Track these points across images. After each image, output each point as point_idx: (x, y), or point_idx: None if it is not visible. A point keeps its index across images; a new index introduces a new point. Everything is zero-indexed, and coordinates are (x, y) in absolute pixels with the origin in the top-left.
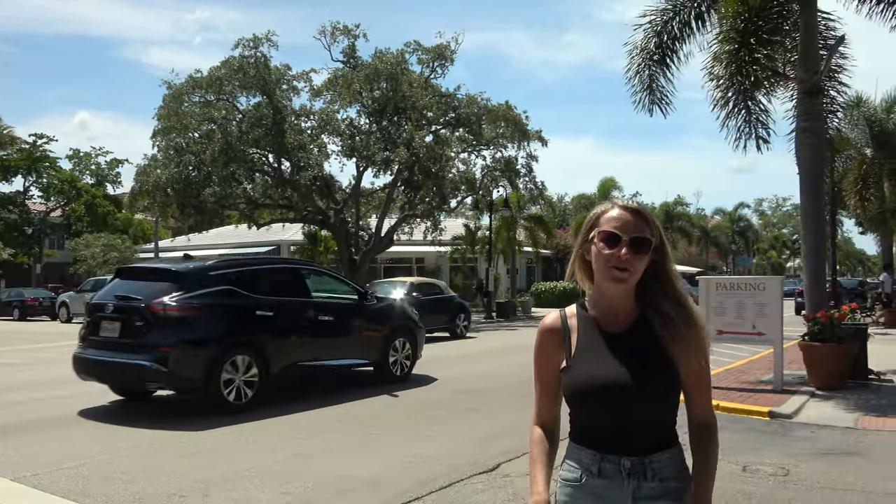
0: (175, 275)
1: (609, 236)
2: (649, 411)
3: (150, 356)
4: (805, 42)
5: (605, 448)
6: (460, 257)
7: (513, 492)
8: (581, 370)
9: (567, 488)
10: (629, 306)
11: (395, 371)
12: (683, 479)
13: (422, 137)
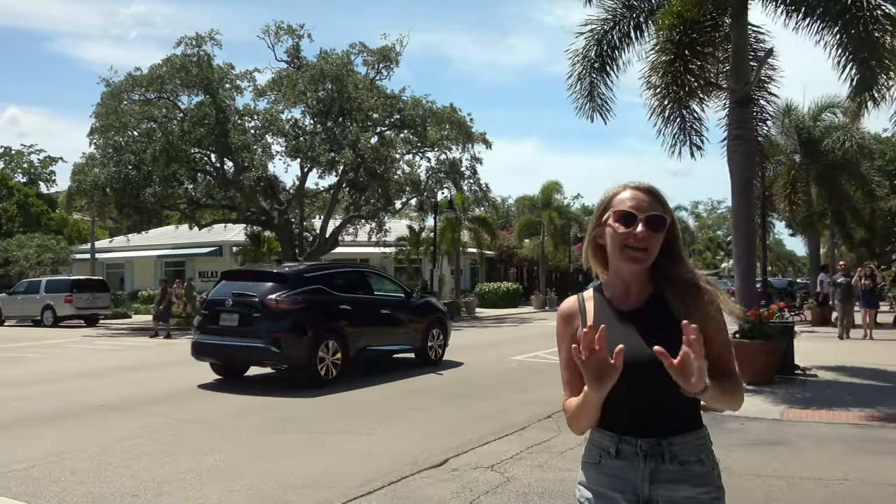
0: (281, 276)
1: (624, 215)
2: (667, 389)
3: (266, 340)
4: (736, 54)
5: (622, 429)
6: (405, 258)
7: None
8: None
9: (588, 470)
10: (644, 285)
11: (432, 356)
12: (708, 464)
13: (367, 139)
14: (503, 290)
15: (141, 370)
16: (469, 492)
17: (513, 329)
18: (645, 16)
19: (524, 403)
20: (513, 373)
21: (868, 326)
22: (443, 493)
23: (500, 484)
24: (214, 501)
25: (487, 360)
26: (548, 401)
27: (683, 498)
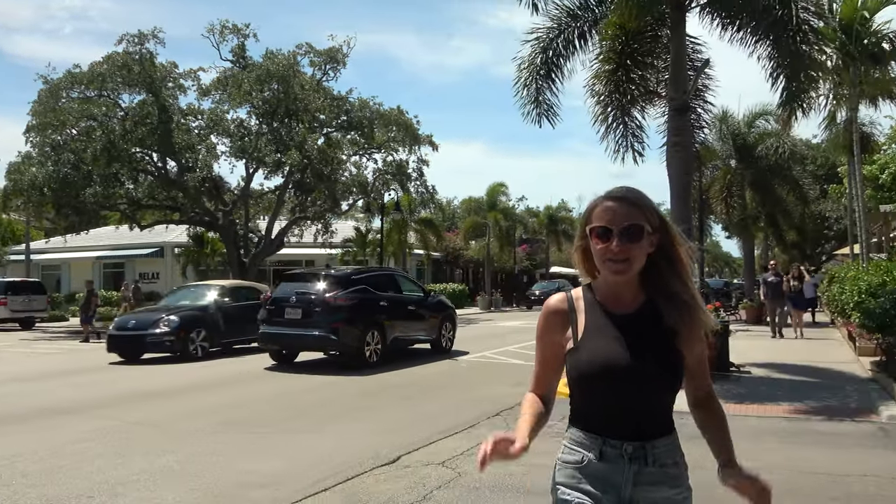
0: (335, 278)
1: (599, 231)
2: (654, 396)
3: (327, 330)
4: (675, 64)
5: (607, 432)
6: (351, 259)
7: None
8: (589, 352)
9: (568, 470)
10: (635, 290)
11: (444, 345)
12: (680, 465)
13: (314, 140)
14: (449, 291)
15: (82, 374)
16: (422, 487)
17: (460, 330)
18: (589, 25)
19: (473, 401)
20: (462, 372)
21: (798, 326)
22: (396, 489)
23: (451, 479)
24: (170, 501)
25: (437, 360)
26: (496, 399)
27: (662, 499)
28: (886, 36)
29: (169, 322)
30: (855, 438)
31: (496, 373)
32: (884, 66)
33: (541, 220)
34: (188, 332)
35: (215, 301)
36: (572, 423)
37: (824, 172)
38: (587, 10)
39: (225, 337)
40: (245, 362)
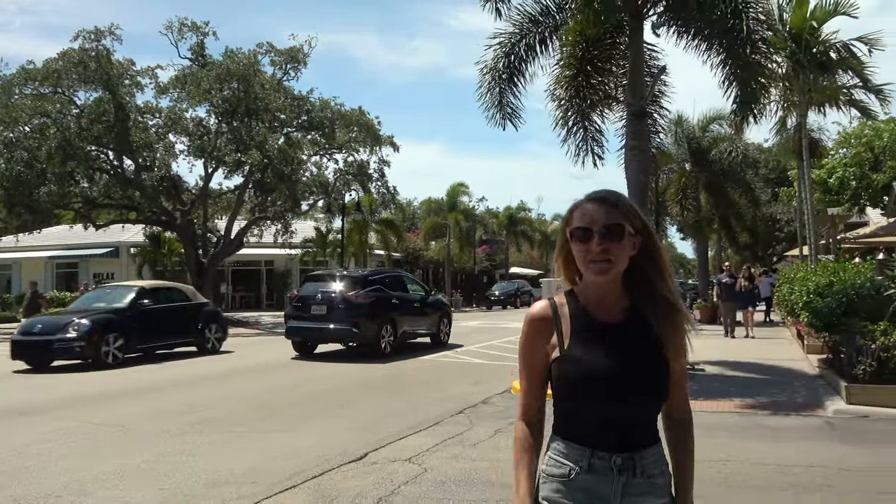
0: (354, 278)
1: (580, 233)
2: (643, 406)
3: (349, 324)
4: (633, 70)
5: (594, 443)
6: (311, 260)
7: None
8: (576, 361)
9: (554, 483)
10: (618, 294)
11: (442, 338)
12: (666, 475)
13: (275, 140)
14: None
15: (36, 375)
16: (390, 482)
17: None
18: (549, 31)
19: (437, 400)
20: (424, 371)
21: (749, 325)
22: (364, 484)
23: (418, 474)
24: (140, 500)
25: (399, 360)
26: (459, 397)
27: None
28: (834, 45)
29: (79, 326)
30: (802, 432)
31: (459, 372)
32: (831, 74)
33: (500, 221)
34: (101, 337)
35: (133, 303)
36: (557, 433)
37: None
38: (548, 16)
39: (144, 341)
40: (164, 369)
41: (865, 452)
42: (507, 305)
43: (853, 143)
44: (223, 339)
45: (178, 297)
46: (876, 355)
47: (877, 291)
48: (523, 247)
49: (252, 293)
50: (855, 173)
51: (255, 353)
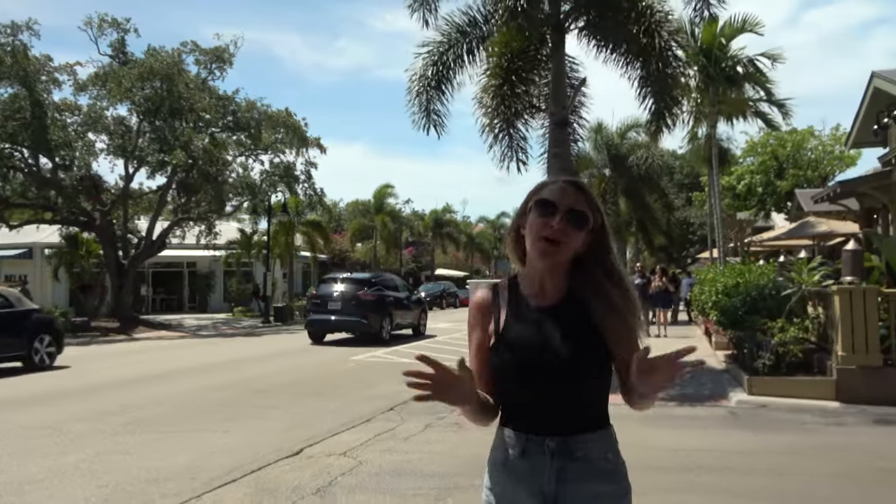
0: (362, 280)
1: (545, 204)
2: (577, 390)
3: (360, 317)
4: (555, 81)
5: (529, 428)
6: (235, 262)
7: None
8: (508, 345)
9: (493, 471)
10: (559, 283)
11: (422, 330)
12: (613, 462)
13: (200, 140)
14: None
15: None
16: (327, 474)
17: None
18: (476, 42)
19: (367, 398)
20: (353, 371)
21: (663, 324)
22: (302, 477)
23: (353, 467)
24: (80, 498)
25: (328, 360)
26: (389, 395)
27: (591, 495)
28: (741, 61)
29: None
30: (708, 420)
31: (387, 371)
32: (739, 87)
33: (427, 223)
34: None
35: None
36: (500, 421)
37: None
38: (475, 26)
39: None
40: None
41: (761, 438)
42: (433, 307)
43: (759, 152)
44: (57, 352)
45: (6, 303)
46: (774, 350)
47: (777, 291)
48: (449, 249)
49: (174, 295)
50: (761, 180)
51: (179, 357)
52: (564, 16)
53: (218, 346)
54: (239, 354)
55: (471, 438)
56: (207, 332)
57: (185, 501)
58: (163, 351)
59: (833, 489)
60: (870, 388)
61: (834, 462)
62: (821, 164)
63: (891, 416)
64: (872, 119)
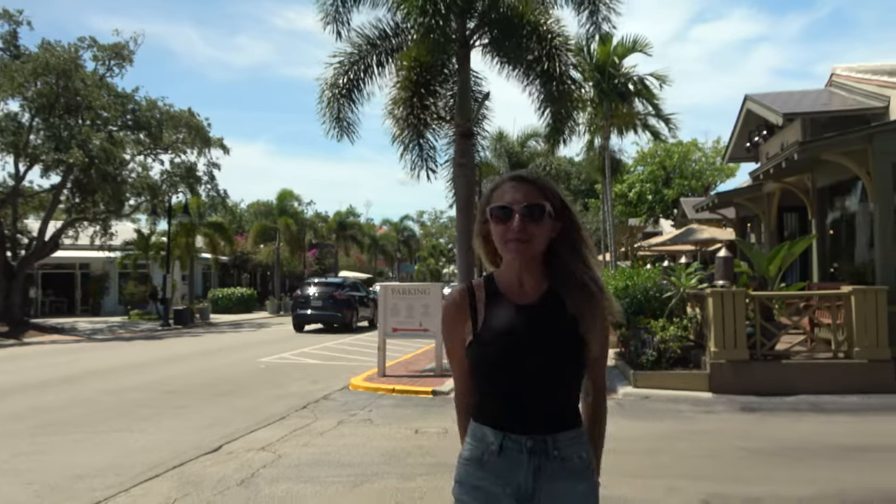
0: (335, 283)
1: (501, 212)
2: (556, 388)
3: (336, 311)
4: (461, 95)
5: (507, 426)
6: (131, 263)
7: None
8: (486, 344)
9: (467, 466)
10: (537, 278)
11: (376, 323)
12: (584, 460)
13: (99, 138)
14: (238, 296)
15: None
16: (249, 468)
17: (253, 333)
18: (386, 54)
19: (280, 397)
20: (263, 372)
21: None
22: (225, 470)
23: (273, 460)
24: (6, 494)
25: (237, 362)
26: (301, 394)
27: (564, 492)
28: (631, 78)
29: None
30: None
31: (297, 372)
32: (630, 102)
33: (330, 225)
34: None
35: None
36: (474, 417)
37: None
38: (386, 39)
39: None
40: None
41: (643, 425)
42: None
43: (649, 162)
44: None
45: None
46: (656, 347)
47: (660, 293)
48: (352, 251)
49: (65, 298)
50: (650, 188)
51: (79, 361)
52: (470, 32)
53: (119, 350)
54: (142, 358)
55: (381, 433)
56: (104, 336)
57: (115, 495)
58: (60, 355)
59: (699, 465)
60: (738, 379)
61: (702, 444)
62: (704, 174)
63: (754, 404)
64: (746, 137)
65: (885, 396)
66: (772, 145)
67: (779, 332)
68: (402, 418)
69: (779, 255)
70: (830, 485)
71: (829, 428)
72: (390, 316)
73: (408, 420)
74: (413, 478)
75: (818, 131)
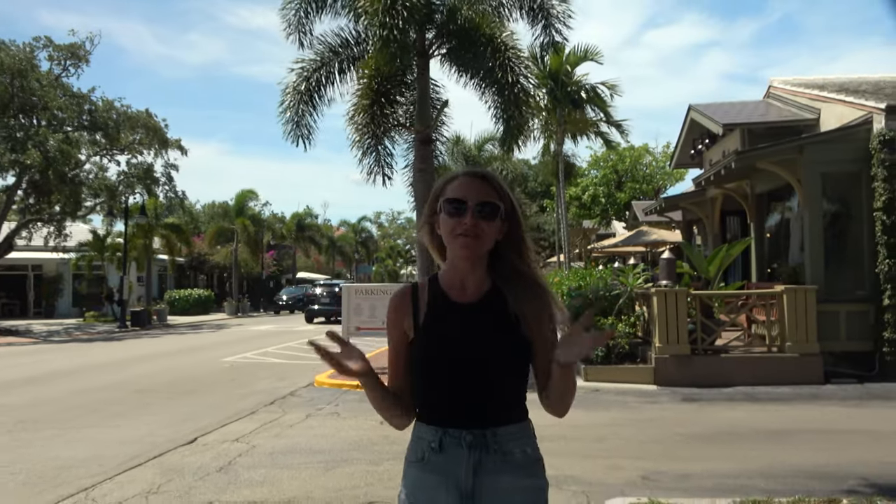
0: (332, 285)
1: (453, 203)
2: (495, 383)
3: (338, 306)
4: (420, 102)
5: (447, 423)
6: (86, 265)
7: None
8: (426, 342)
9: (411, 469)
10: (480, 277)
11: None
12: (529, 455)
13: (57, 140)
14: (195, 297)
15: None
16: (225, 457)
17: (213, 334)
18: (348, 63)
19: (247, 395)
20: (228, 371)
21: None
22: (203, 460)
23: (248, 450)
24: None
25: (201, 362)
26: (267, 391)
27: (507, 488)
28: (584, 86)
29: None
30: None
31: (262, 371)
32: (582, 109)
33: (289, 227)
34: None
35: None
36: (417, 419)
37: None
38: (347, 47)
39: None
40: None
41: (592, 414)
42: (296, 310)
43: (602, 166)
44: None
45: None
46: (606, 343)
47: (610, 293)
48: (311, 252)
49: (17, 300)
50: (603, 191)
51: (40, 363)
52: (429, 43)
53: (79, 352)
54: (104, 359)
55: (349, 424)
56: (61, 338)
57: (101, 482)
58: (19, 357)
59: (641, 448)
60: (680, 373)
61: (646, 430)
62: (654, 178)
63: (694, 395)
64: (690, 144)
65: (814, 387)
66: (714, 152)
67: (718, 328)
68: (368, 411)
69: (717, 256)
70: (756, 462)
71: (761, 415)
72: (354, 315)
73: (373, 413)
74: (380, 462)
75: (755, 141)
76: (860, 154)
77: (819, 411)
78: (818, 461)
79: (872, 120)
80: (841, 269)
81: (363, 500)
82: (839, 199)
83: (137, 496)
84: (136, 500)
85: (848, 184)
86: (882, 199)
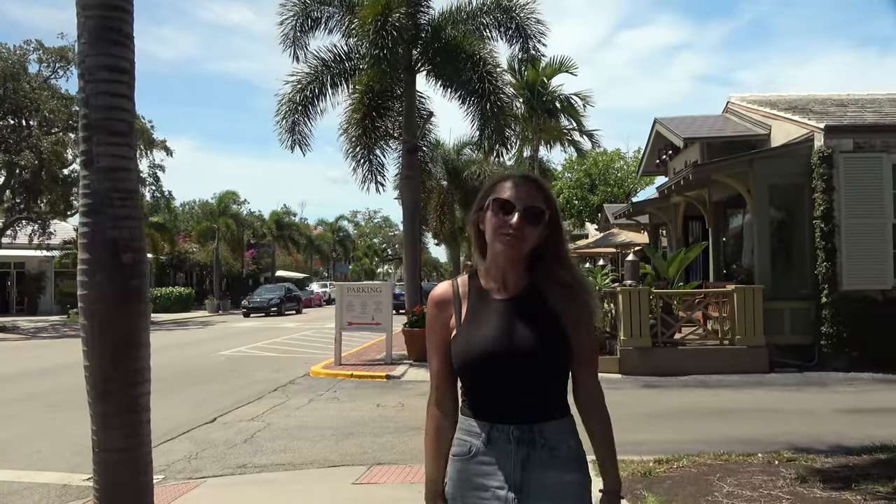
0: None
1: (502, 204)
2: (539, 378)
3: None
4: (407, 114)
5: (493, 417)
6: (70, 262)
7: None
8: (469, 337)
9: (457, 463)
10: (520, 275)
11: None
12: (575, 450)
13: (50, 142)
14: (176, 295)
15: None
16: (246, 432)
17: (201, 330)
18: (341, 77)
19: (249, 384)
20: (226, 364)
21: None
22: (227, 434)
23: (264, 427)
24: (50, 450)
25: (198, 355)
26: (268, 381)
27: (554, 483)
28: (558, 96)
29: None
30: None
31: (257, 363)
32: (556, 118)
33: (269, 225)
34: None
35: None
36: (462, 412)
37: None
38: (340, 62)
39: None
40: None
41: None
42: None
43: (576, 170)
44: None
45: None
46: None
47: None
48: (290, 250)
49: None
50: (577, 194)
51: (40, 356)
52: (416, 60)
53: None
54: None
55: (349, 407)
56: (49, 335)
57: None
58: (15, 352)
59: None
60: (643, 363)
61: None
62: (625, 182)
63: (654, 382)
64: (656, 154)
65: (760, 375)
66: (678, 162)
67: (676, 323)
68: (364, 396)
69: (676, 259)
70: (699, 434)
71: (710, 398)
72: (346, 311)
73: (369, 398)
74: (382, 435)
75: (714, 153)
76: (803, 168)
77: (761, 395)
78: (752, 432)
79: (814, 138)
80: (786, 270)
81: (372, 462)
82: (785, 208)
83: (181, 460)
84: (181, 464)
85: (792, 194)
86: (820, 208)
